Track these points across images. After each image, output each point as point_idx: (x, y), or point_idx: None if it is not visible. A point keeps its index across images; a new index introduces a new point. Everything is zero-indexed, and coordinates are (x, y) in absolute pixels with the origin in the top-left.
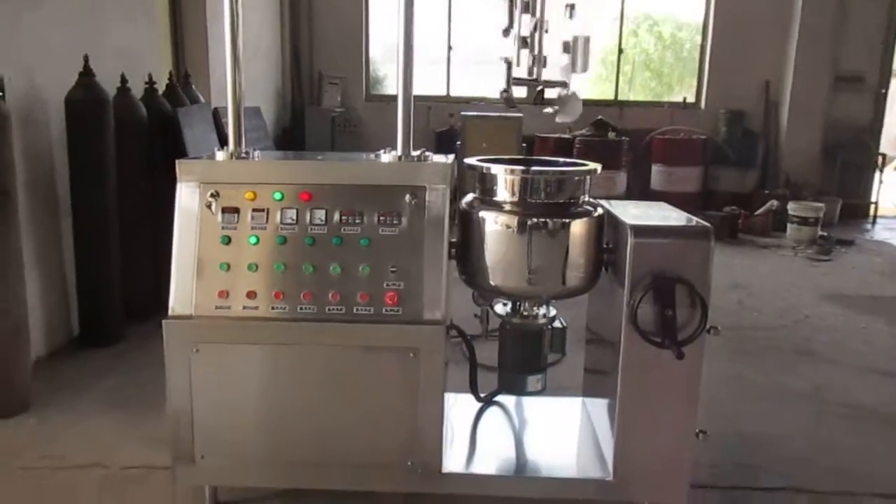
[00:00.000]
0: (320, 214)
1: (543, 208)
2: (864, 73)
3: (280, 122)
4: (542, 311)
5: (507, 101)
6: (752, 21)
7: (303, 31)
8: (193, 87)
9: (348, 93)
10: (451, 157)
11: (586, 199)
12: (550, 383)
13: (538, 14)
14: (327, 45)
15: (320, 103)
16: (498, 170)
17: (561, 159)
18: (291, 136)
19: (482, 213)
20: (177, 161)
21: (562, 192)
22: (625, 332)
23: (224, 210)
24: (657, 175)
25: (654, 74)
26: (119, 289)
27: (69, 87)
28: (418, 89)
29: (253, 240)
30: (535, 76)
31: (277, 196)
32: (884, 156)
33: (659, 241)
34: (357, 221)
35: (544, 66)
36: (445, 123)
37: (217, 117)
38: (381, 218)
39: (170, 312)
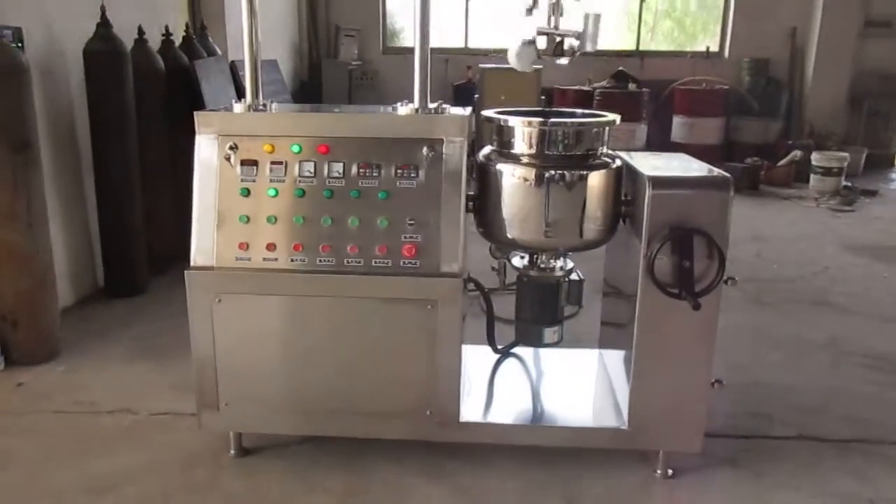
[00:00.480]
0: (338, 167)
1: (561, 160)
2: (893, 18)
3: (297, 76)
4: (559, 263)
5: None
6: None
7: None
8: (210, 39)
9: (365, 45)
10: (469, 109)
11: (605, 150)
12: (567, 336)
13: None
14: None
15: (337, 56)
16: (515, 122)
17: (579, 111)
18: (309, 90)
19: (499, 166)
20: (195, 113)
21: (580, 143)
22: (642, 284)
23: (243, 162)
24: (678, 127)
25: (676, 23)
26: (142, 240)
27: (87, 38)
28: (435, 41)
29: (272, 192)
30: (553, 25)
31: (295, 149)
32: None
33: (677, 192)
34: (375, 174)
35: (562, 14)
36: (463, 76)
37: (234, 70)
38: (399, 171)
39: (191, 263)
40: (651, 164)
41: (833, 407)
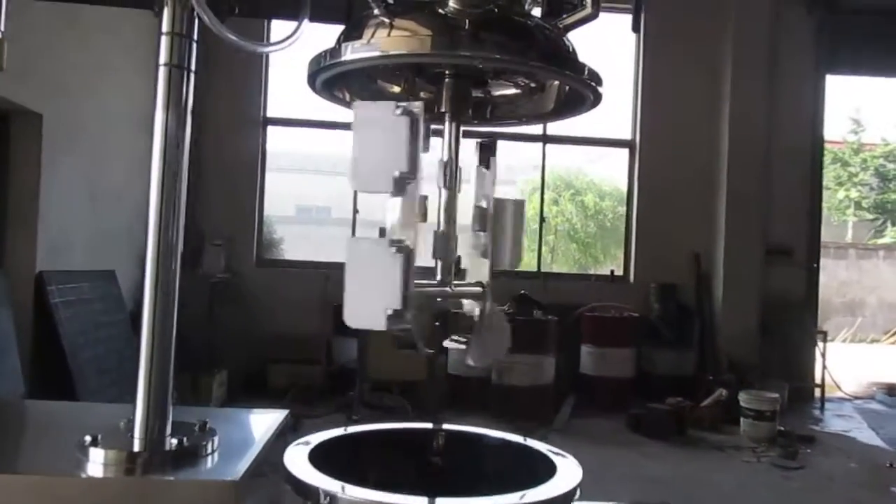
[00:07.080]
0: None
1: None
2: (792, 247)
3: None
4: None
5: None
6: (678, 189)
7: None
8: None
9: (236, 255)
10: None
11: None
12: None
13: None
14: (213, 199)
15: (199, 267)
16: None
17: (484, 432)
18: None
19: None
20: None
21: None
22: None
23: None
24: (587, 357)
25: (579, 245)
26: None
27: None
28: (316, 255)
29: None
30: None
31: None
32: (824, 333)
33: None
34: None
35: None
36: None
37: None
38: None
39: None
40: None
41: None
